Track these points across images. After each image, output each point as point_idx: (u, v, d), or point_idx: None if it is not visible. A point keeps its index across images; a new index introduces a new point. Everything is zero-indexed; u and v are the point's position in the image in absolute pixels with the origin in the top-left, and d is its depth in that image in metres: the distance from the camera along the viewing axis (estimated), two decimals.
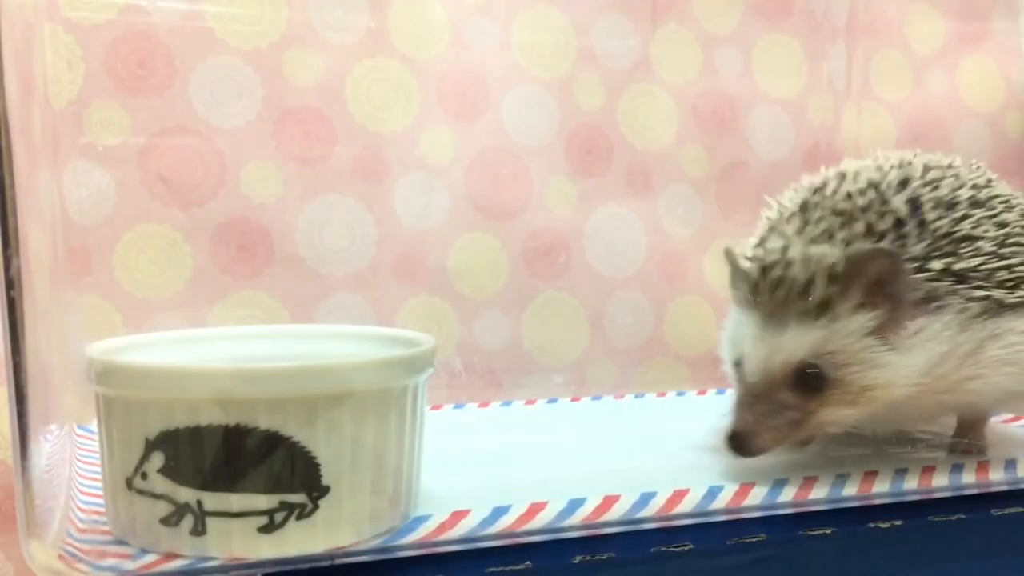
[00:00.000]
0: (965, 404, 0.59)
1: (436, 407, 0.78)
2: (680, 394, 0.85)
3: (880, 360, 0.53)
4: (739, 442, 0.53)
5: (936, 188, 0.58)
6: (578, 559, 0.48)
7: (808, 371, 0.53)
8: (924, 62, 1.00)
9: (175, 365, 0.46)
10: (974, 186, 0.59)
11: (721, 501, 0.53)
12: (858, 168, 0.60)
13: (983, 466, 0.61)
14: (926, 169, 0.60)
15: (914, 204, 0.57)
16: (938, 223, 0.56)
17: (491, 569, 0.46)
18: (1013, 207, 0.59)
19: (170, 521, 0.43)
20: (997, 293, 0.55)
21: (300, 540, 0.44)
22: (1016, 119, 1.02)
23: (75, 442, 0.59)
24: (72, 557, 0.43)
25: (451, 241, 0.83)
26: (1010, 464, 0.62)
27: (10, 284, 0.41)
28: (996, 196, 0.59)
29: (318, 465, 0.43)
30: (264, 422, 0.42)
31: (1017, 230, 0.58)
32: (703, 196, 0.91)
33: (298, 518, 0.43)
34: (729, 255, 0.59)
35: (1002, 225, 0.57)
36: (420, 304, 0.82)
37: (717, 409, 0.60)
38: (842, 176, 0.60)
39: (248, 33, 0.76)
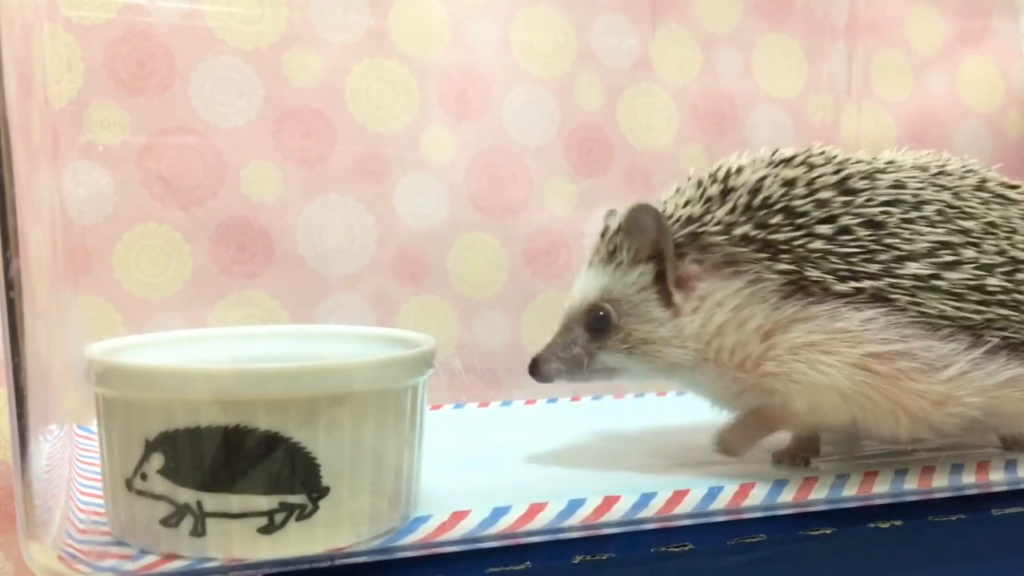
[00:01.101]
0: (784, 406, 0.55)
1: (436, 407, 0.78)
2: (680, 394, 0.85)
3: (655, 315, 0.56)
4: (532, 367, 0.58)
5: (809, 170, 0.56)
6: (578, 559, 0.48)
7: (599, 314, 0.56)
8: (924, 62, 1.00)
9: (175, 366, 0.47)
10: (869, 176, 0.56)
11: (721, 501, 0.53)
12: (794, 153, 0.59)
13: (983, 466, 0.61)
14: (826, 157, 0.58)
15: (761, 177, 0.56)
16: (766, 195, 0.55)
17: (491, 569, 0.46)
18: (913, 212, 0.55)
19: (170, 522, 0.43)
20: (814, 273, 0.53)
21: (300, 541, 0.44)
22: (1016, 119, 1.02)
23: (75, 442, 0.59)
24: (72, 558, 0.43)
25: (451, 241, 0.83)
26: (1010, 464, 0.62)
27: (9, 285, 0.41)
28: (904, 196, 0.56)
29: (318, 466, 0.43)
30: (264, 423, 0.42)
31: (891, 233, 0.54)
32: None
33: (298, 519, 0.43)
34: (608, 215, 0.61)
35: (863, 217, 0.54)
36: (420, 304, 0.82)
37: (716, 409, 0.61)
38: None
39: (248, 33, 0.76)
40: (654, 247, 0.55)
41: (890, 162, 0.59)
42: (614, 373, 0.58)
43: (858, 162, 0.58)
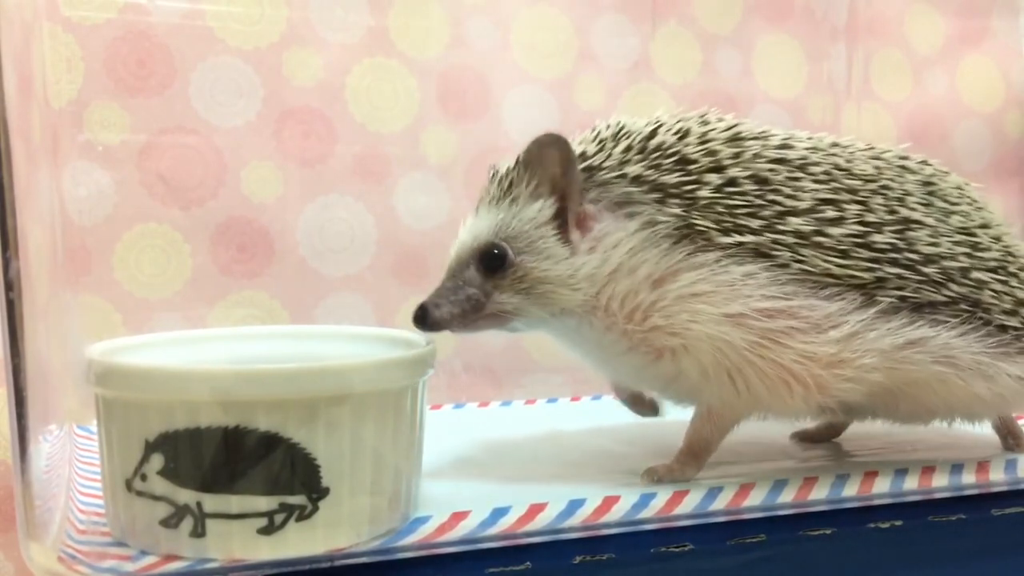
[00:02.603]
0: (683, 363, 0.54)
1: (436, 407, 0.78)
2: None
3: (553, 252, 0.53)
4: (421, 314, 0.53)
5: (703, 124, 0.56)
6: (578, 559, 0.48)
7: (493, 251, 0.54)
8: (924, 62, 1.00)
9: (175, 366, 0.46)
10: (759, 137, 0.56)
11: (721, 501, 0.53)
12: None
13: (983, 466, 0.61)
14: (722, 117, 0.58)
15: (657, 126, 0.56)
16: (660, 140, 0.55)
17: (491, 570, 0.46)
18: (798, 171, 0.55)
19: (170, 523, 0.43)
20: (700, 222, 0.53)
21: (300, 541, 0.44)
22: (1016, 119, 1.02)
23: (75, 442, 0.59)
24: (72, 559, 0.43)
25: (451, 241, 0.83)
26: (1010, 464, 0.62)
27: (9, 286, 0.41)
28: (791, 156, 0.56)
29: (318, 466, 0.43)
30: (264, 423, 0.42)
31: (775, 189, 0.54)
32: None
33: (298, 519, 0.43)
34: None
35: (750, 171, 0.54)
36: None
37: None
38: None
39: (248, 33, 0.76)
40: (556, 182, 0.54)
41: (787, 138, 0.58)
42: (507, 319, 0.55)
43: (752, 127, 0.58)
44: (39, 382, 0.44)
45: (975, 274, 0.56)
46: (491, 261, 0.54)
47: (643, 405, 0.64)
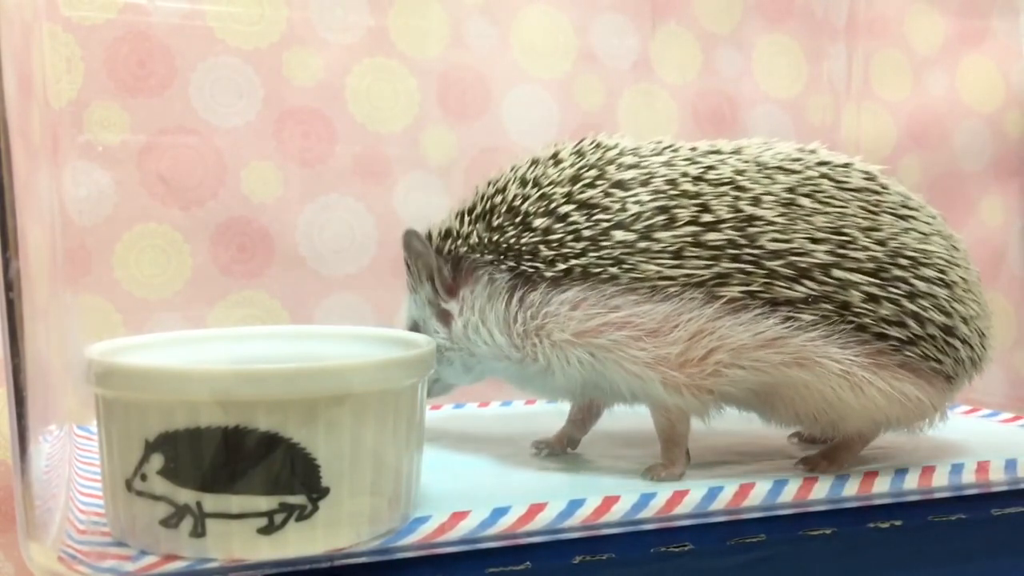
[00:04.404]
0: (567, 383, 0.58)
1: (436, 407, 0.78)
2: None
3: (434, 326, 0.61)
4: None
5: (555, 165, 0.58)
6: (578, 559, 0.48)
7: None
8: (924, 62, 0.99)
9: (175, 366, 0.46)
10: (599, 166, 0.57)
11: (721, 501, 0.53)
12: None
13: (983, 466, 0.61)
14: (578, 150, 0.59)
15: (508, 180, 0.59)
16: (503, 197, 0.58)
17: (491, 570, 0.46)
18: (639, 187, 0.56)
19: (170, 523, 0.43)
20: (528, 265, 0.56)
21: (300, 541, 0.44)
22: (1016, 119, 1.02)
23: (75, 443, 0.59)
24: (72, 559, 0.43)
25: None
26: (1010, 464, 0.62)
27: (9, 286, 0.41)
28: (629, 174, 0.56)
29: (318, 466, 0.43)
30: (264, 423, 0.42)
31: (605, 208, 0.55)
32: None
33: (298, 519, 0.43)
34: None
35: (579, 203, 0.55)
36: None
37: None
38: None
39: (248, 33, 0.76)
40: (426, 267, 0.60)
41: (642, 157, 0.58)
42: (440, 384, 0.63)
43: (611, 155, 0.58)
44: (39, 382, 0.44)
45: (838, 272, 0.54)
46: None
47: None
